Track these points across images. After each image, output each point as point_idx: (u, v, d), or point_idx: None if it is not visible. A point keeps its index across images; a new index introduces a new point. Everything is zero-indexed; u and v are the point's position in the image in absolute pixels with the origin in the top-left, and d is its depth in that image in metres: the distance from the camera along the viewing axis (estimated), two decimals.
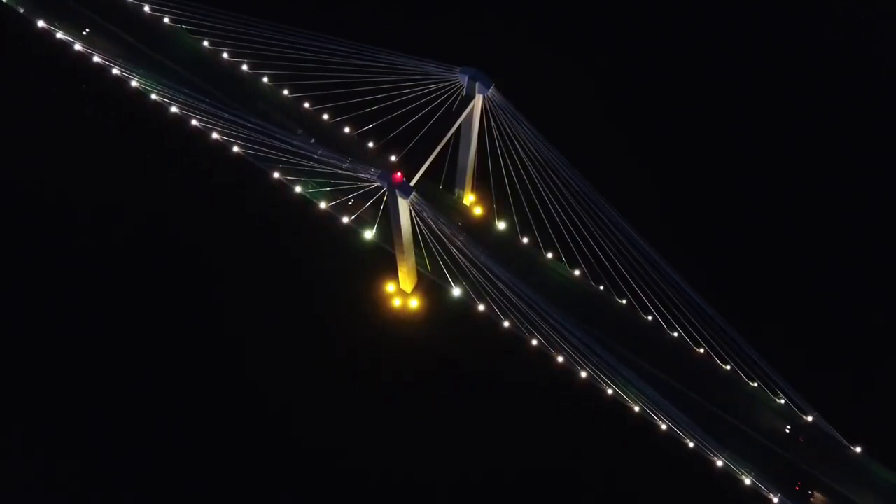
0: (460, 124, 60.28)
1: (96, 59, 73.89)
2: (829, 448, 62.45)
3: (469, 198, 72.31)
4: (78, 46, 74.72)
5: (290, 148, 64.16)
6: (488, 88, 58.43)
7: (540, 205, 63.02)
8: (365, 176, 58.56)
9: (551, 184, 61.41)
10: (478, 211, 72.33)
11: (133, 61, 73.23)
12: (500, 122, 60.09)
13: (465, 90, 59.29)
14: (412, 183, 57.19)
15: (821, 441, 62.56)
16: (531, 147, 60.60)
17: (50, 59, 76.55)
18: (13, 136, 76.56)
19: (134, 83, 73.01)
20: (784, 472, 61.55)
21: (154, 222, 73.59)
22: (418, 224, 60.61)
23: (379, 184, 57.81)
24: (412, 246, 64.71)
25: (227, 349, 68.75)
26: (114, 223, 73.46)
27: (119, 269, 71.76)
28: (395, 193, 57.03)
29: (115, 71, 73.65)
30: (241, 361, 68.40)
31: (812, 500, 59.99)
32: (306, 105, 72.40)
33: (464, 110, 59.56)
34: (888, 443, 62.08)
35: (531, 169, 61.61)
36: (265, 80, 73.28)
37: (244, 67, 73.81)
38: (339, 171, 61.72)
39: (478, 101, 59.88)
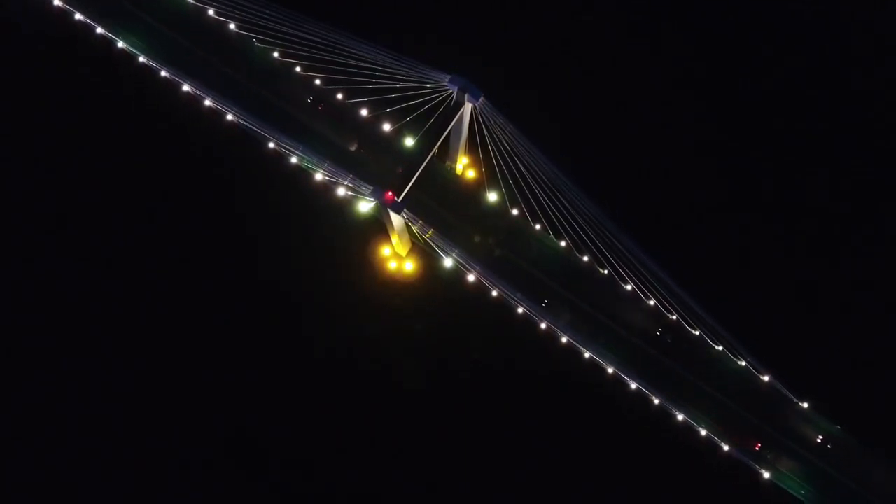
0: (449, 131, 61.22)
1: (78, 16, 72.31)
2: (779, 403, 70.26)
3: (462, 161, 73.93)
4: (57, 1, 72.56)
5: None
6: (478, 99, 58.76)
7: (531, 195, 65.33)
8: (344, 182, 60.89)
9: (541, 181, 63.60)
10: (470, 174, 74.39)
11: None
12: (491, 129, 60.98)
13: (454, 98, 59.58)
14: (400, 198, 59.63)
15: (774, 397, 70.23)
16: (518, 146, 62.11)
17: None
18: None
19: (120, 44, 71.97)
20: (739, 426, 69.73)
21: (153, 190, 75.99)
22: (410, 225, 63.82)
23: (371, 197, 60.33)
24: (405, 232, 68.18)
25: (226, 313, 73.75)
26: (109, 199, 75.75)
27: (122, 245, 75.09)
28: (387, 209, 59.74)
29: (98, 30, 72.30)
30: (241, 323, 73.37)
31: (769, 458, 68.10)
32: (297, 69, 71.73)
33: (452, 118, 60.25)
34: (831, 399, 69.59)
35: (520, 163, 63.33)
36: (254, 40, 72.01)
37: (231, 26, 72.12)
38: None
39: (466, 109, 60.31)
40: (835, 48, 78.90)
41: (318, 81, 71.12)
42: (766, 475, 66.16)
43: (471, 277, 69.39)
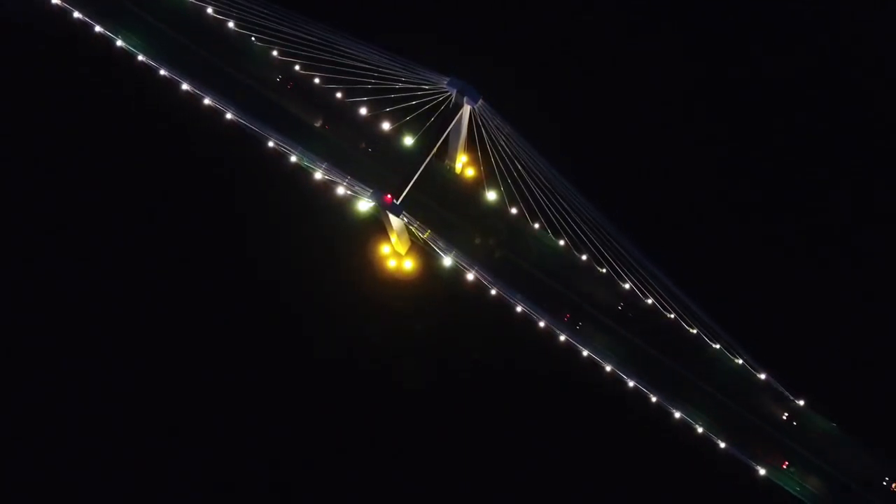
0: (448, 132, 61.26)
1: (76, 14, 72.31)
2: (776, 400, 70.49)
3: (461, 159, 73.98)
4: None
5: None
6: (476, 101, 58.75)
7: (530, 195, 65.45)
8: (343, 182, 61.03)
9: (540, 181, 63.62)
10: (469, 172, 74.43)
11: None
12: (490, 131, 61.04)
13: (453, 100, 59.58)
14: (399, 200, 59.70)
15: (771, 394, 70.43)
16: (517, 147, 62.24)
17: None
18: None
19: (119, 43, 71.92)
20: (734, 422, 69.97)
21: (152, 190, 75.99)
22: (409, 226, 63.91)
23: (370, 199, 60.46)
24: (405, 231, 68.27)
25: (227, 304, 73.87)
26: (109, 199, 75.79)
27: (122, 245, 75.21)
28: (386, 212, 59.81)
29: (97, 29, 72.24)
30: (241, 323, 73.54)
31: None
32: (297, 67, 71.70)
33: (451, 119, 60.28)
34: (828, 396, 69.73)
35: (519, 164, 63.41)
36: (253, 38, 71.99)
37: (230, 25, 72.03)
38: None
39: (465, 111, 60.31)
40: (835, 48, 78.93)
41: (317, 80, 71.12)
42: (762, 472, 66.25)
43: (470, 277, 69.55)
